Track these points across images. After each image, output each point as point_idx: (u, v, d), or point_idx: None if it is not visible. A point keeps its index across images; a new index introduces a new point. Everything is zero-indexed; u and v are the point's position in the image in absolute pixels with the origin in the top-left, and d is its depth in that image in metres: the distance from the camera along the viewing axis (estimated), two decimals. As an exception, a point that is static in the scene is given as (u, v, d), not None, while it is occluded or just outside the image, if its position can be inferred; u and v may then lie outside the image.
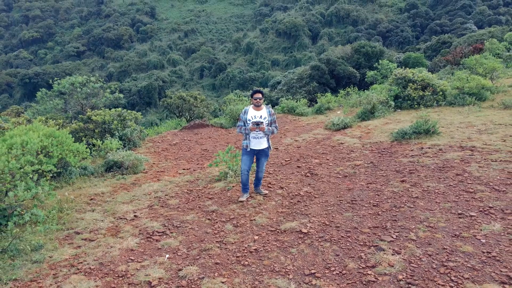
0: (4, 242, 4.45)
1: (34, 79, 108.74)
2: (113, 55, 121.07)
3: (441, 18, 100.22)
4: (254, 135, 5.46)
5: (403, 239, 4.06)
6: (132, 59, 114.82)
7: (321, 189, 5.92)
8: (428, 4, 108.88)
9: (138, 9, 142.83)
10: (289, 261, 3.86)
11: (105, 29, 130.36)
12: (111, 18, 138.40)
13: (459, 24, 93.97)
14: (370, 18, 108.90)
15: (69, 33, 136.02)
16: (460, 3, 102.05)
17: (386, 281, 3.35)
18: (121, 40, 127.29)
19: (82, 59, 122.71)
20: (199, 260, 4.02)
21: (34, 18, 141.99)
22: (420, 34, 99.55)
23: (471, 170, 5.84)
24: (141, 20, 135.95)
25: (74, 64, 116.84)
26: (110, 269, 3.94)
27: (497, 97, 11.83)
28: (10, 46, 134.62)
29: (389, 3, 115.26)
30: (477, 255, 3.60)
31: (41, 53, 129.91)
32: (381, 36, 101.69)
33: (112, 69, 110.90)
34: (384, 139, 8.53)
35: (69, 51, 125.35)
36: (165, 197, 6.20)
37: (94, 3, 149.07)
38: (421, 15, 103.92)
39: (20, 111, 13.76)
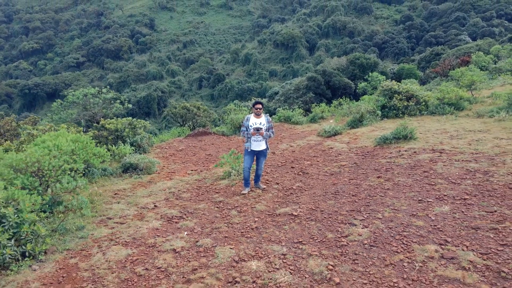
0: (53, 224, 5.55)
1: (34, 89, 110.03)
2: (112, 66, 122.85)
3: (435, 30, 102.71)
4: (255, 138, 6.62)
5: (372, 218, 5.20)
6: (131, 69, 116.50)
7: (311, 184, 7.07)
8: (423, 16, 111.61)
9: (138, 20, 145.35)
10: (282, 234, 4.98)
11: (105, 40, 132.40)
12: (111, 29, 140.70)
13: (453, 36, 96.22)
14: (366, 30, 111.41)
15: (69, 44, 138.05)
16: (454, 16, 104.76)
17: (354, 245, 4.48)
18: (121, 51, 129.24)
19: (81, 70, 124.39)
20: (211, 235, 5.14)
21: (34, 29, 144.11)
22: (416, 45, 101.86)
23: (436, 168, 7.01)
24: (140, 31, 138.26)
25: (74, 75, 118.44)
26: (142, 242, 5.05)
27: (475, 107, 13.09)
28: (10, 57, 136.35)
29: (384, 15, 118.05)
30: (425, 228, 4.73)
31: (41, 64, 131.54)
32: (377, 47, 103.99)
33: (112, 79, 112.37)
34: (369, 144, 9.71)
35: (69, 62, 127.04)
36: (178, 192, 7.32)
37: (94, 15, 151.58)
38: (416, 27, 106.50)
39: (36, 120, 14.88)
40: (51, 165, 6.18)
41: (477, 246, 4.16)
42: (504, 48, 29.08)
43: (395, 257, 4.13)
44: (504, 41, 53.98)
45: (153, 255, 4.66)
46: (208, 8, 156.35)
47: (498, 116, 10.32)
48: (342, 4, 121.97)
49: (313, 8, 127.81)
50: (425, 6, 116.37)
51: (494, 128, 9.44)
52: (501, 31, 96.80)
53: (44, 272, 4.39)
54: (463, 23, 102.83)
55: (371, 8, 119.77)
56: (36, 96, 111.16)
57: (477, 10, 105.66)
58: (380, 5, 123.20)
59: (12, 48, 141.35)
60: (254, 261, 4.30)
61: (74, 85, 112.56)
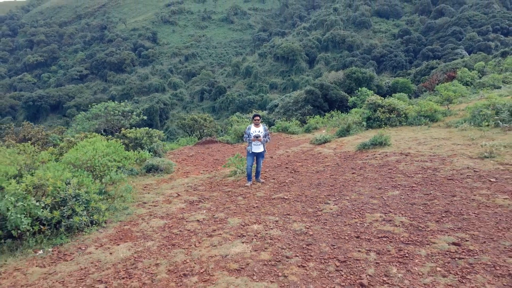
0: (106, 205, 7.48)
1: (38, 101, 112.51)
2: (115, 79, 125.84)
3: (432, 44, 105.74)
4: (255, 143, 8.61)
5: (342, 199, 7.14)
6: (134, 82, 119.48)
7: (300, 179, 9.02)
8: (420, 31, 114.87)
9: (140, 34, 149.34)
10: (275, 210, 6.92)
11: (108, 53, 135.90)
12: (114, 43, 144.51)
13: (450, 50, 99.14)
14: (365, 44, 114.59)
15: (72, 57, 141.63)
16: (451, 30, 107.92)
17: (326, 215, 6.41)
18: (123, 64, 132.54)
19: (85, 82, 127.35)
20: (224, 211, 7.07)
21: (39, 42, 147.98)
22: (413, 58, 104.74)
23: (399, 166, 8.96)
24: (143, 44, 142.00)
25: (77, 87, 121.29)
26: (173, 216, 6.99)
27: (448, 118, 15.07)
28: (14, 70, 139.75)
29: (383, 29, 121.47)
30: (378, 204, 6.66)
31: (45, 77, 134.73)
32: (376, 60, 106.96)
33: (114, 92, 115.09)
34: (351, 149, 11.68)
35: (72, 75, 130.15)
36: (194, 185, 9.28)
37: (98, 29, 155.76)
38: (413, 41, 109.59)
39: (63, 130, 16.90)
40: (99, 163, 8.16)
41: (409, 214, 6.09)
42: (488, 65, 31.26)
43: (352, 220, 6.06)
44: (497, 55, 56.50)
45: (183, 223, 6.60)
46: (209, 22, 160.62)
47: (461, 126, 12.32)
48: (341, 19, 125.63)
49: (313, 22, 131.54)
50: (423, 20, 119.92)
51: (455, 136, 11.41)
52: (497, 45, 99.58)
53: (108, 233, 6.33)
54: (460, 37, 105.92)
55: (369, 23, 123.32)
56: (40, 108, 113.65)
57: (473, 25, 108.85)
58: (378, 19, 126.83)
59: (16, 61, 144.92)
60: (255, 225, 6.24)
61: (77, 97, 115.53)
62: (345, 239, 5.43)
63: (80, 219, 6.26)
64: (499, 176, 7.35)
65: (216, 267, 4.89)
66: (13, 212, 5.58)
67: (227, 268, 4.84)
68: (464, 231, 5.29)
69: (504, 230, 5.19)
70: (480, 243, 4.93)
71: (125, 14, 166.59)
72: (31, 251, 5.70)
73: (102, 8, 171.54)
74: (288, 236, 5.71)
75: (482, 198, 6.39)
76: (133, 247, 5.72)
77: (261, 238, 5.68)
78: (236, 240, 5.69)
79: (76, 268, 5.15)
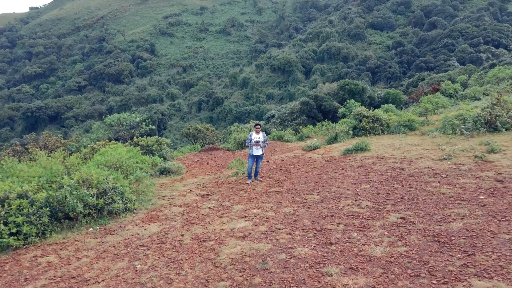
0: (135, 196, 9.29)
1: (36, 112, 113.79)
2: (113, 89, 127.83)
3: (426, 56, 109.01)
4: (255, 147, 10.49)
5: (323, 191, 9.00)
6: (132, 93, 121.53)
7: (291, 178, 10.89)
8: (414, 43, 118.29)
9: (138, 46, 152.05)
10: (271, 199, 8.77)
11: (106, 64, 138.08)
12: (112, 54, 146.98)
13: (442, 61, 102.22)
14: (359, 55, 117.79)
15: (71, 68, 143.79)
16: (443, 42, 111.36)
17: (310, 202, 8.27)
18: (122, 75, 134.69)
19: (83, 93, 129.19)
20: (229, 201, 8.91)
21: (37, 54, 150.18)
22: (407, 70, 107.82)
23: (374, 167, 10.85)
24: (141, 56, 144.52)
25: (76, 98, 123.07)
26: (189, 205, 8.82)
27: (425, 128, 17.06)
28: (13, 81, 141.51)
29: (377, 41, 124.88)
30: (351, 194, 8.53)
31: (43, 88, 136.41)
32: (370, 71, 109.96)
33: (113, 102, 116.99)
34: (337, 154, 13.59)
35: (71, 86, 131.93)
36: (203, 184, 11.12)
37: (96, 40, 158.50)
38: (407, 53, 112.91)
39: (79, 139, 18.73)
40: (127, 164, 10.01)
41: (373, 200, 7.96)
42: (471, 78, 33.54)
43: (329, 205, 7.93)
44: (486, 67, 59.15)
45: (198, 210, 8.43)
46: (207, 34, 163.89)
47: (432, 134, 14.28)
48: (336, 31, 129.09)
49: (309, 34, 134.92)
50: (416, 32, 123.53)
51: (426, 143, 13.36)
52: (488, 57, 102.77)
53: (139, 217, 8.15)
54: (452, 49, 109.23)
55: (364, 35, 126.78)
56: (38, 119, 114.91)
57: (465, 37, 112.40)
58: (372, 31, 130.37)
59: (15, 72, 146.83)
60: (254, 209, 8.08)
61: (76, 108, 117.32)
62: (322, 217, 7.29)
63: (118, 205, 8.08)
64: (450, 173, 9.25)
65: (226, 235, 6.73)
66: (70, 199, 7.41)
67: (235, 236, 6.68)
68: (411, 210, 7.16)
69: (440, 209, 7.07)
70: (420, 217, 6.80)
71: (124, 26, 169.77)
72: (84, 228, 7.51)
73: (100, 20, 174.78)
74: (280, 216, 7.56)
75: (431, 188, 8.29)
76: (161, 225, 7.54)
77: (259, 218, 7.53)
78: (240, 219, 7.53)
79: (121, 239, 6.97)
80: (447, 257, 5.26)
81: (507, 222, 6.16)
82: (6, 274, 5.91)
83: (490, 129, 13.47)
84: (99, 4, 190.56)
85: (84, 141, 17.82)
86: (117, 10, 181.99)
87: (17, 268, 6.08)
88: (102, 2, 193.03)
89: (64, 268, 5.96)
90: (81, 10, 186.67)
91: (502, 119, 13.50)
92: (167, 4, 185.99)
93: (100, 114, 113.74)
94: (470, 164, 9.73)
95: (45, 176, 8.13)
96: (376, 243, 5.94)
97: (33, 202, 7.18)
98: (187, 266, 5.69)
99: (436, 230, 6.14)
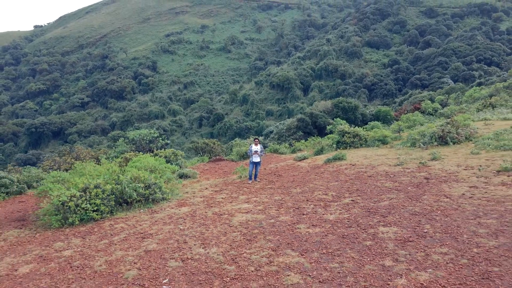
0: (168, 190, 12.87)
1: (40, 128, 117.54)
2: (116, 106, 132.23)
3: (420, 73, 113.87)
4: (254, 156, 14.16)
5: (304, 187, 12.62)
6: (134, 109, 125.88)
7: (282, 179, 14.51)
8: (409, 60, 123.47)
9: (141, 63, 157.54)
10: (266, 192, 12.39)
11: (109, 81, 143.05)
12: (115, 71, 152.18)
13: (436, 79, 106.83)
14: (356, 72, 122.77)
15: (74, 85, 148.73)
16: (437, 60, 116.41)
17: (294, 193, 11.89)
18: (124, 92, 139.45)
19: (86, 109, 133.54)
20: (236, 194, 12.53)
21: (41, 71, 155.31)
22: (402, 87, 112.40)
23: (345, 171, 14.47)
24: (143, 73, 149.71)
25: (79, 114, 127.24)
26: (206, 197, 12.42)
27: (395, 142, 20.72)
28: (17, 98, 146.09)
29: (373, 59, 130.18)
30: (323, 188, 12.14)
31: (46, 104, 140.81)
32: (367, 88, 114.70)
33: (115, 118, 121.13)
34: (320, 163, 17.23)
35: (74, 102, 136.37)
36: (215, 184, 14.73)
37: (99, 58, 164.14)
38: (402, 70, 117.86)
39: (106, 151, 22.36)
40: (159, 168, 13.66)
41: (337, 191, 11.57)
42: (450, 98, 37.49)
43: (306, 195, 11.54)
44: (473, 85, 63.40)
45: (214, 199, 12.03)
46: (207, 51, 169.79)
47: (397, 147, 17.96)
48: (334, 49, 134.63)
49: (307, 52, 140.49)
50: (411, 51, 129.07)
51: (390, 154, 17.02)
52: (481, 74, 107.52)
53: (173, 203, 11.74)
54: (446, 67, 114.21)
55: (360, 52, 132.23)
56: (42, 135, 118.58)
57: (458, 55, 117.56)
58: (369, 49, 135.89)
59: (19, 89, 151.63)
60: (254, 198, 11.68)
61: (79, 124, 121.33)
62: (300, 201, 10.89)
63: (158, 195, 11.68)
64: (397, 174, 12.88)
65: (235, 211, 10.31)
66: (128, 189, 11.02)
67: (241, 212, 10.26)
68: (360, 196, 10.76)
69: (379, 195, 10.66)
70: (364, 200, 10.40)
71: (126, 44, 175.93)
72: (137, 210, 11.09)
73: (103, 38, 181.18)
74: (271, 201, 11.16)
75: (379, 184, 11.90)
76: (190, 208, 11.13)
77: (257, 202, 11.12)
78: (244, 203, 11.13)
79: (165, 215, 10.55)
80: (370, 218, 8.85)
81: (417, 201, 9.75)
82: (97, 233, 9.48)
83: (442, 142, 17.16)
84: (102, 23, 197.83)
85: (111, 153, 21.39)
86: (120, 28, 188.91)
87: (103, 230, 9.65)
88: (105, 20, 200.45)
89: (133, 229, 9.54)
90: (85, 28, 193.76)
91: (451, 135, 17.21)
92: (168, 22, 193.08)
93: (102, 129, 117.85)
94: (414, 168, 13.39)
95: (106, 174, 11.76)
96: (331, 213, 9.53)
97: (104, 191, 10.79)
98: (212, 226, 9.27)
99: (370, 206, 9.74)
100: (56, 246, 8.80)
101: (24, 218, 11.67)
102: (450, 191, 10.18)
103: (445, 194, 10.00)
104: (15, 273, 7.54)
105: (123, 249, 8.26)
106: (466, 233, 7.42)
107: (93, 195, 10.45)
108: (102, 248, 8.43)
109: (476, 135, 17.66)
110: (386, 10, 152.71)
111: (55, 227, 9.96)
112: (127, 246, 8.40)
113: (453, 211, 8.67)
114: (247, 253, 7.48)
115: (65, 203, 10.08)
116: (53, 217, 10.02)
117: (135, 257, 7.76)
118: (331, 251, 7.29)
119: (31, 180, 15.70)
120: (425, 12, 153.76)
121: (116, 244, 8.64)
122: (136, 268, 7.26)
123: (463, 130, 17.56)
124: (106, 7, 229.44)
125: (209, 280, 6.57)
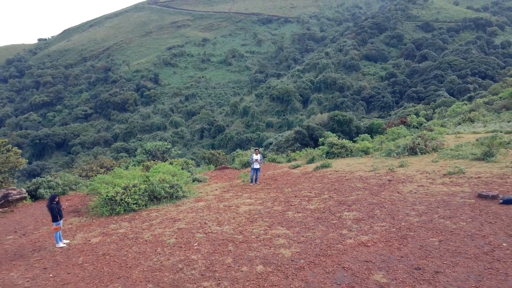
0: (187, 189, 16.35)
1: (44, 139, 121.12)
2: (118, 117, 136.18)
3: (417, 86, 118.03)
4: (255, 163, 17.70)
5: (294, 188, 16.12)
6: (137, 121, 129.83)
7: (277, 182, 18.01)
8: (406, 74, 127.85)
9: (143, 75, 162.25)
10: (264, 192, 15.90)
11: (112, 93, 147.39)
12: (118, 83, 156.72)
13: (432, 92, 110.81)
14: (354, 85, 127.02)
15: (77, 97, 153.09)
16: (433, 73, 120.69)
17: (286, 192, 15.41)
18: (127, 104, 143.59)
19: (89, 121, 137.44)
20: (240, 193, 16.04)
21: (45, 83, 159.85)
22: (399, 99, 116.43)
23: (329, 176, 17.97)
24: (145, 85, 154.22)
25: (82, 126, 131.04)
26: (217, 195, 15.96)
27: (376, 152, 24.23)
28: (21, 109, 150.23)
29: (371, 72, 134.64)
30: (308, 188, 15.64)
31: (50, 116, 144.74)
32: (365, 101, 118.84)
33: (118, 130, 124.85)
34: (310, 170, 20.73)
35: (77, 114, 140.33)
36: (223, 186, 18.24)
37: (102, 70, 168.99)
38: (399, 83, 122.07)
39: (126, 160, 25.86)
40: (179, 172, 17.19)
41: (319, 190, 15.07)
42: (435, 112, 41.17)
43: (296, 193, 15.03)
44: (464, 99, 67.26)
45: (223, 196, 15.53)
46: (208, 64, 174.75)
47: (375, 157, 21.49)
48: (332, 62, 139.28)
49: (306, 65, 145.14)
50: (408, 64, 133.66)
51: (369, 162, 20.52)
52: (476, 87, 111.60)
53: (191, 200, 15.25)
54: (441, 80, 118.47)
55: (358, 66, 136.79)
56: (46, 146, 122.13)
57: (454, 69, 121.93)
58: (367, 63, 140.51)
59: (23, 101, 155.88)
60: (255, 195, 15.18)
61: (82, 135, 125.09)
62: (290, 197, 14.37)
63: (180, 194, 15.17)
64: (369, 178, 16.38)
65: (241, 204, 13.80)
66: (158, 188, 14.51)
67: (245, 204, 13.75)
68: (336, 194, 14.24)
69: (350, 192, 14.13)
70: (338, 195, 13.88)
71: (129, 56, 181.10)
72: (164, 204, 14.57)
73: (106, 51, 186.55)
74: (268, 197, 14.65)
75: (352, 184, 15.39)
76: (205, 203, 14.62)
77: (257, 199, 14.61)
78: (247, 199, 14.62)
79: (187, 207, 14.04)
80: (340, 207, 12.33)
81: (376, 196, 13.22)
82: (139, 219, 12.95)
83: (412, 153, 20.70)
84: (105, 36, 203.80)
85: (131, 162, 24.82)
86: (123, 41, 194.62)
87: (142, 217, 13.13)
88: (108, 34, 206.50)
89: (165, 216, 13.01)
90: (88, 41, 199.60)
91: (420, 146, 20.75)
92: (170, 36, 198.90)
93: (105, 141, 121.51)
94: (383, 173, 16.90)
95: (140, 177, 15.27)
96: (312, 204, 13.01)
97: (140, 189, 14.28)
98: (224, 214, 12.75)
99: (342, 199, 13.23)
100: (111, 227, 12.28)
101: (77, 210, 15.14)
102: (403, 189, 13.69)
103: (398, 191, 13.52)
104: (90, 242, 11.01)
105: (161, 228, 11.74)
106: (401, 214, 10.91)
107: (132, 192, 13.94)
108: (146, 228, 11.91)
109: (442, 146, 21.21)
110: (384, 24, 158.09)
111: (105, 215, 13.45)
112: (164, 226, 11.88)
113: (398, 202, 12.17)
114: (250, 229, 10.96)
115: (112, 198, 13.57)
116: (104, 208, 13.51)
117: (172, 232, 11.24)
118: (308, 227, 10.78)
119: (70, 183, 19.14)
120: (421, 27, 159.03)
121: (155, 225, 12.12)
122: (174, 238, 10.73)
123: (430, 142, 21.12)
124: (109, 21, 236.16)
125: (225, 243, 10.04)
